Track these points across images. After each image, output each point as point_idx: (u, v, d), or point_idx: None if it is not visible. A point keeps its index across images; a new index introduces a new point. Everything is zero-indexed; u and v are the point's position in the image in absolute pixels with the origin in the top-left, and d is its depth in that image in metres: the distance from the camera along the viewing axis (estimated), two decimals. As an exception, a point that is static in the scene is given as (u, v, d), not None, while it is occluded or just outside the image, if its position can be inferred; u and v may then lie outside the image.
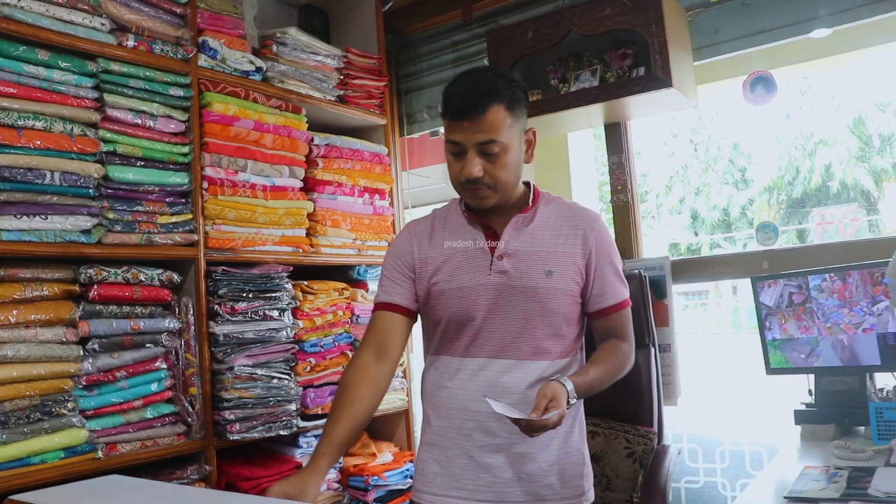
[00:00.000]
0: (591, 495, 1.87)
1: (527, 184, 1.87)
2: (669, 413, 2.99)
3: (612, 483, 2.48)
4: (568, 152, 3.98)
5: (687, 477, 3.07)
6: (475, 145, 1.69)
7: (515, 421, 1.57)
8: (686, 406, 2.97)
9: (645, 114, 3.00)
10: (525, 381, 1.74)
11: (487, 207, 1.78)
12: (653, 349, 2.62)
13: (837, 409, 2.39)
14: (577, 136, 3.99)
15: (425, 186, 4.06)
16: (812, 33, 2.88)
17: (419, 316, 1.90)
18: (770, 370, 2.56)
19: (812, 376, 2.49)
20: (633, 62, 2.74)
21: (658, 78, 2.59)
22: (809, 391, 2.50)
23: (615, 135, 3.07)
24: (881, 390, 2.35)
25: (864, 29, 2.83)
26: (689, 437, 3.10)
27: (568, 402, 1.61)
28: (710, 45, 2.91)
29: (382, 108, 3.13)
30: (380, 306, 1.86)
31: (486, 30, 3.08)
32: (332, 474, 2.77)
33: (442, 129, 3.65)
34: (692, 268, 2.94)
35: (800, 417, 2.44)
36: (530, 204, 1.82)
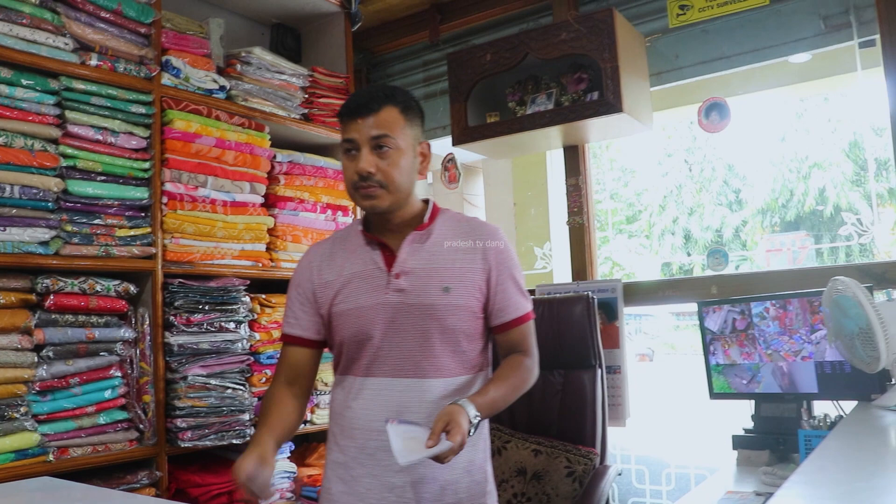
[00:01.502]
0: None
1: (426, 201, 1.90)
2: (620, 434, 3.03)
3: (552, 501, 2.53)
4: (546, 170, 4.03)
5: (633, 498, 3.10)
6: (369, 140, 1.73)
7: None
8: (641, 427, 3.00)
9: (604, 137, 3.05)
10: (427, 399, 1.75)
11: (381, 211, 1.79)
12: (599, 370, 2.66)
13: (773, 436, 2.42)
14: (557, 153, 4.04)
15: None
16: (790, 58, 2.94)
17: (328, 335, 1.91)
18: (713, 395, 2.60)
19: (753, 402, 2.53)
20: (588, 86, 2.79)
21: (609, 103, 2.64)
22: (753, 416, 2.54)
23: (573, 157, 3.11)
24: (814, 418, 2.37)
25: (845, 54, 2.86)
26: (637, 458, 3.13)
27: (470, 422, 1.62)
28: (670, 70, 2.96)
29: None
30: (286, 338, 1.91)
31: (448, 52, 3.15)
32: (286, 484, 2.84)
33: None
34: (643, 291, 2.98)
35: (737, 443, 2.48)
36: (426, 221, 1.84)
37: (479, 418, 1.66)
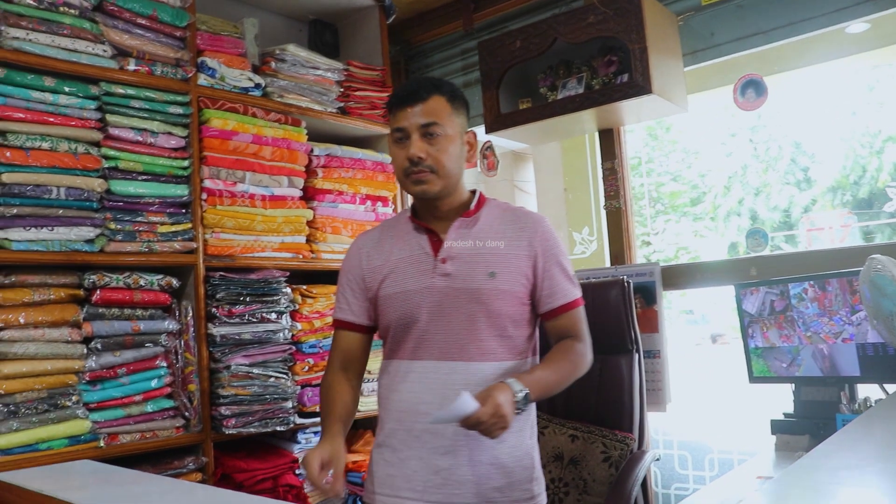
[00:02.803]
0: (542, 500, 1.89)
1: (473, 191, 1.94)
2: (663, 419, 2.99)
3: (589, 486, 2.52)
4: (586, 154, 3.96)
5: (677, 484, 3.06)
6: (418, 128, 1.79)
7: (463, 424, 1.61)
8: (685, 412, 2.96)
9: (638, 119, 3.00)
10: (473, 383, 1.76)
11: (432, 196, 1.83)
12: (636, 355, 2.63)
13: (813, 421, 2.36)
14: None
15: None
16: (847, 28, 2.83)
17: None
18: (753, 379, 2.54)
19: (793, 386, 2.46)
20: (619, 69, 2.75)
21: (638, 84, 2.60)
22: (794, 400, 2.47)
23: (608, 141, 3.08)
24: (854, 402, 2.30)
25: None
26: (680, 443, 3.08)
27: (514, 396, 1.64)
28: (706, 49, 2.89)
29: (387, 118, 3.23)
30: (338, 324, 1.97)
31: (479, 41, 3.15)
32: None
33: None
34: (681, 274, 2.93)
35: (775, 427, 2.42)
36: (473, 208, 1.88)
37: (524, 393, 1.66)
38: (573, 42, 2.78)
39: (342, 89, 3.10)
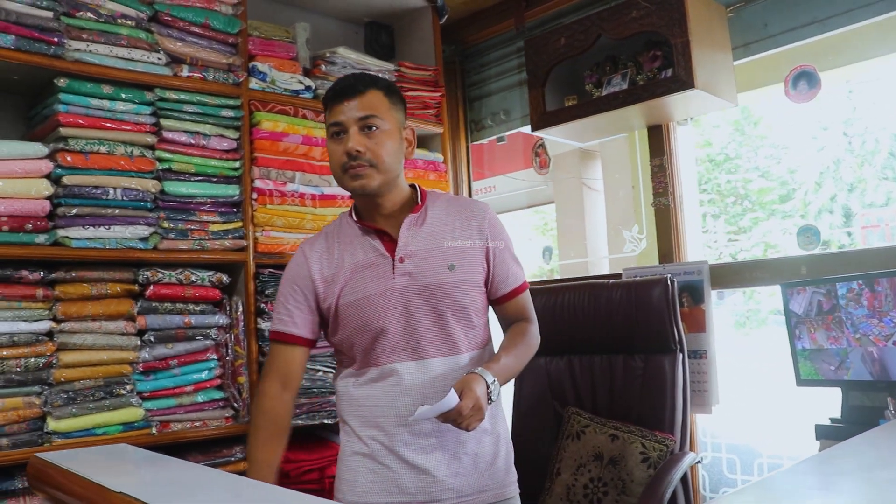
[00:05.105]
0: (516, 485, 1.93)
1: (413, 186, 1.92)
2: (710, 421, 2.90)
3: (627, 487, 2.48)
4: (637, 150, 3.85)
5: (725, 488, 2.95)
6: (356, 121, 1.76)
7: (442, 418, 1.63)
8: (735, 414, 2.86)
9: (686, 115, 2.91)
10: (447, 377, 1.77)
11: (371, 192, 1.79)
12: (680, 355, 2.57)
13: (859, 426, 2.24)
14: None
15: (519, 190, 4.13)
16: None
17: (328, 331, 1.91)
18: (800, 382, 2.44)
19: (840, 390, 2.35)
20: (663, 64, 2.69)
21: (680, 79, 2.53)
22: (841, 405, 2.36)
23: (656, 137, 3.00)
24: (902, 408, 2.18)
25: None
26: (728, 447, 2.97)
27: (487, 387, 1.66)
28: (759, 41, 2.77)
29: (439, 118, 3.26)
30: (277, 336, 1.88)
31: (524, 39, 3.13)
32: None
33: (507, 134, 3.74)
34: (730, 273, 2.83)
35: (820, 433, 2.31)
36: (419, 203, 1.86)
37: (496, 383, 1.70)
38: (617, 38, 2.74)
39: (393, 90, 3.15)
